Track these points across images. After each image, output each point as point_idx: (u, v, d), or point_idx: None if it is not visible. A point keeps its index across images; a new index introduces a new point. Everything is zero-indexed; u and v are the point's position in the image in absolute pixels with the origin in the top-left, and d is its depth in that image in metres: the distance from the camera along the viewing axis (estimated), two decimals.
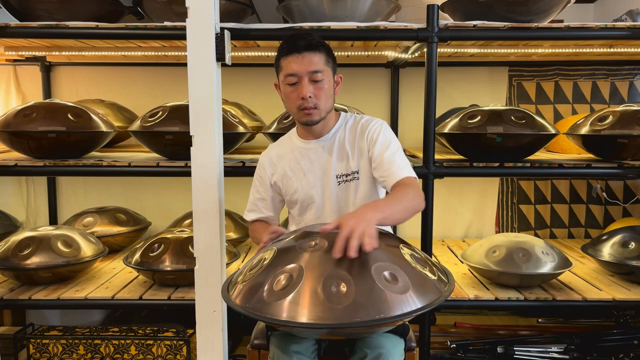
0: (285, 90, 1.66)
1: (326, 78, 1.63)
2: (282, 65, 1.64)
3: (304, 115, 1.65)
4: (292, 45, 1.62)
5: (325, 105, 1.65)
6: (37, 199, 3.15)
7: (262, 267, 1.31)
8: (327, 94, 1.64)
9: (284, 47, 1.64)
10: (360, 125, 1.72)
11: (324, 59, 1.63)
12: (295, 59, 1.60)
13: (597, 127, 2.23)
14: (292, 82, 1.62)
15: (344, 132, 1.72)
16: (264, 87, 3.05)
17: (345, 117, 1.77)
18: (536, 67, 3.05)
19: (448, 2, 2.25)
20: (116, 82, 3.10)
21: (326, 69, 1.63)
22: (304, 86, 1.60)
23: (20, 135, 2.16)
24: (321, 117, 1.66)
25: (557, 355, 2.42)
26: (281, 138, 1.85)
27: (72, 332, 2.43)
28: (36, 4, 2.18)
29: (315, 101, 1.62)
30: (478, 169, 2.21)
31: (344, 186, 1.70)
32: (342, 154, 1.70)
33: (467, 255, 2.33)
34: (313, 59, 1.61)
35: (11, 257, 2.21)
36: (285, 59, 1.63)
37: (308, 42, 1.61)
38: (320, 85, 1.62)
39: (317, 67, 1.61)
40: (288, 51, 1.62)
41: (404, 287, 1.20)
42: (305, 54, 1.60)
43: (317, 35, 1.67)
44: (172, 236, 2.32)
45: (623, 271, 2.31)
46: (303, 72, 1.60)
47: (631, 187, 3.09)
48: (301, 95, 1.61)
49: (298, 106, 1.64)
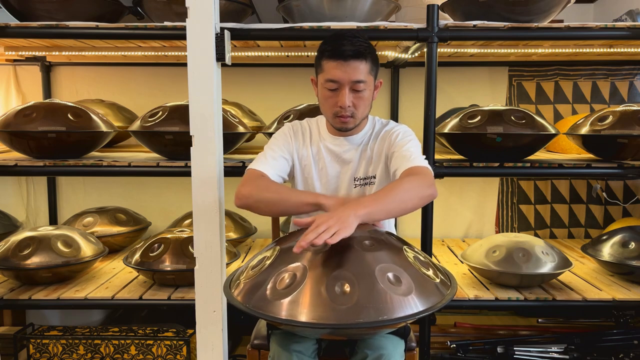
0: (323, 94, 1.59)
1: (368, 88, 1.57)
2: (323, 67, 1.56)
3: (339, 122, 1.61)
4: (338, 49, 1.52)
5: (362, 114, 1.61)
6: (37, 199, 3.15)
7: (265, 265, 1.31)
8: (366, 102, 1.59)
9: (328, 49, 1.54)
10: (384, 132, 1.68)
11: (368, 67, 1.55)
12: (340, 65, 1.52)
13: (597, 127, 2.23)
14: (333, 87, 1.56)
15: (370, 135, 1.70)
16: (264, 87, 3.06)
17: (373, 121, 1.73)
18: (536, 67, 3.05)
19: (448, 2, 2.25)
20: (116, 82, 3.10)
21: (369, 78, 1.56)
22: (344, 95, 1.54)
23: (20, 135, 2.16)
24: (356, 124, 1.63)
25: (557, 355, 2.42)
26: (308, 120, 1.77)
27: (72, 332, 2.43)
28: (36, 4, 2.17)
29: (353, 110, 1.57)
30: (478, 169, 2.21)
31: (359, 189, 1.69)
32: (365, 158, 1.68)
33: (467, 255, 2.33)
34: (358, 68, 1.52)
35: (11, 257, 2.21)
36: (327, 62, 1.54)
37: (356, 49, 1.51)
38: (360, 95, 1.56)
39: (360, 77, 1.53)
40: (332, 55, 1.53)
41: (407, 289, 1.21)
42: (351, 62, 1.51)
43: (363, 37, 1.57)
44: (172, 236, 2.32)
45: (623, 271, 2.31)
46: (345, 80, 1.53)
47: (631, 187, 3.09)
48: (340, 104, 1.56)
49: (334, 112, 1.59)
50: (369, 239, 1.32)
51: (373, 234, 1.36)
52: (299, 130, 1.74)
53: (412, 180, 1.45)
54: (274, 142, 1.70)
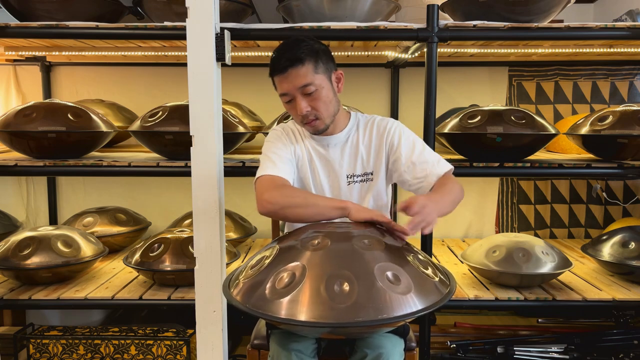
0: (285, 108, 1.63)
1: (319, 87, 1.56)
2: (275, 84, 1.61)
3: (309, 127, 1.63)
4: (275, 64, 1.56)
5: (326, 113, 1.60)
6: (37, 199, 3.15)
7: (264, 265, 1.31)
8: (325, 101, 1.59)
9: (270, 66, 1.58)
10: (377, 126, 1.68)
11: (311, 69, 1.55)
12: (282, 78, 1.55)
13: (597, 127, 2.23)
14: (287, 100, 1.59)
15: (356, 132, 1.69)
16: (264, 87, 3.04)
17: (356, 117, 1.73)
18: (536, 67, 3.05)
19: (448, 2, 2.25)
20: (116, 82, 3.10)
21: (317, 77, 1.55)
22: (299, 103, 1.56)
23: (20, 135, 2.16)
24: (326, 124, 1.62)
25: (557, 355, 2.42)
26: (294, 122, 1.74)
27: (72, 332, 2.43)
28: (36, 4, 2.18)
29: (314, 112, 1.58)
30: (478, 169, 2.21)
31: (353, 187, 1.68)
32: (354, 155, 1.68)
33: (467, 255, 2.33)
34: (299, 74, 1.53)
35: (11, 257, 2.21)
36: (274, 78, 1.59)
37: (289, 58, 1.53)
38: (315, 96, 1.56)
39: (305, 81, 1.54)
40: (273, 71, 1.57)
41: (406, 288, 1.21)
42: (289, 71, 1.53)
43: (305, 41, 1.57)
44: (172, 236, 2.32)
45: (623, 271, 2.31)
46: (293, 89, 1.55)
47: (631, 187, 3.09)
48: (299, 112, 1.57)
49: (301, 120, 1.61)
50: (367, 238, 1.32)
51: (372, 233, 1.36)
52: (290, 132, 1.74)
53: (456, 187, 1.58)
54: (274, 145, 1.68)
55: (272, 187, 1.54)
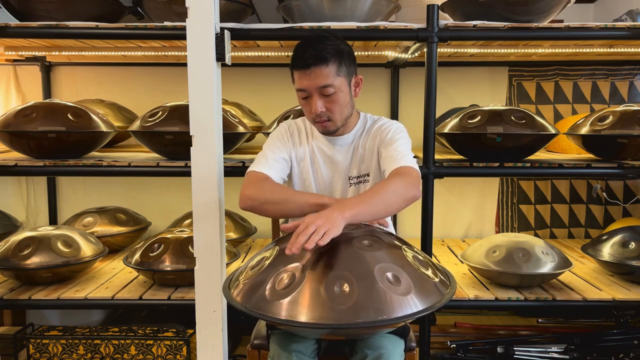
0: (299, 102, 1.62)
1: (338, 90, 1.56)
2: (293, 77, 1.59)
3: (320, 127, 1.63)
4: (299, 58, 1.54)
5: (340, 116, 1.60)
6: (37, 199, 3.15)
7: (264, 265, 1.31)
8: (341, 104, 1.58)
9: (293, 58, 1.56)
10: (375, 128, 1.68)
11: (334, 70, 1.54)
12: (303, 74, 1.54)
13: (597, 127, 2.23)
14: (303, 96, 1.58)
15: (362, 134, 1.70)
16: (264, 87, 3.06)
17: (364, 119, 1.73)
18: (536, 67, 3.05)
19: (448, 2, 2.25)
20: (116, 82, 3.10)
21: (338, 79, 1.55)
22: (315, 102, 1.55)
23: (20, 135, 2.16)
24: (337, 127, 1.63)
25: (557, 355, 2.42)
26: (303, 119, 1.76)
27: (72, 332, 2.43)
28: (36, 4, 2.18)
29: (328, 114, 1.58)
30: (478, 169, 2.21)
31: (354, 188, 1.69)
32: (358, 156, 1.69)
33: (467, 255, 2.33)
34: (322, 73, 1.52)
35: (11, 257, 2.21)
36: (294, 72, 1.57)
37: (317, 55, 1.51)
38: (332, 98, 1.56)
39: (326, 82, 1.53)
40: (295, 65, 1.55)
41: (406, 289, 1.21)
42: (312, 69, 1.52)
43: (331, 39, 1.57)
44: (172, 236, 2.32)
45: (623, 271, 2.31)
46: (312, 87, 1.54)
47: (631, 187, 3.09)
48: (313, 111, 1.57)
49: (312, 119, 1.61)
50: (367, 239, 1.32)
51: (372, 234, 1.36)
52: (295, 130, 1.75)
53: (398, 182, 1.45)
54: (272, 143, 1.70)
55: (254, 183, 1.57)
